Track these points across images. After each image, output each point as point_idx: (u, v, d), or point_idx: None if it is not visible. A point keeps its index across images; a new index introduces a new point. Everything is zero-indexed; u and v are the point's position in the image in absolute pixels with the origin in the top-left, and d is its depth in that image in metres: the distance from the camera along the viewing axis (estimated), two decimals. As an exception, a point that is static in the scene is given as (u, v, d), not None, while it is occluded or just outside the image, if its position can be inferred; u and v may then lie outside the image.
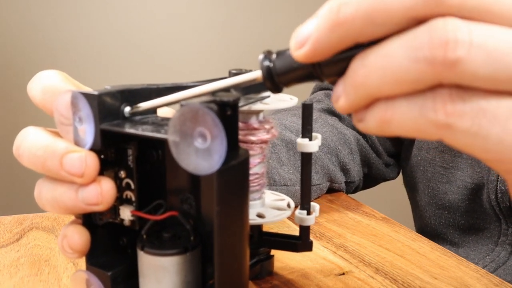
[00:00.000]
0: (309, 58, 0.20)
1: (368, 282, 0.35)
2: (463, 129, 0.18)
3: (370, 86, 0.19)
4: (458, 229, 0.53)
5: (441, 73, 0.17)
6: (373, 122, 0.19)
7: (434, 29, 0.17)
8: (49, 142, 0.25)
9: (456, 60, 0.17)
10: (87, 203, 0.25)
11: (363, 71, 0.19)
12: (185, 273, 0.26)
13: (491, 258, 0.48)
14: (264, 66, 0.22)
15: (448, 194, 0.52)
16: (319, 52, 0.19)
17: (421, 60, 0.17)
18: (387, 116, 0.19)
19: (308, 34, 0.19)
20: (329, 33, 0.19)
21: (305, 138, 0.30)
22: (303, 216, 0.32)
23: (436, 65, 0.17)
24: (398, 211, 0.98)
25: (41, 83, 0.27)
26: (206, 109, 0.22)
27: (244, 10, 1.53)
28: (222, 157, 0.22)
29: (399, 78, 0.18)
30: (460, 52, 0.17)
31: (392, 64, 0.18)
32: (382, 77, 0.18)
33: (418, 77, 0.18)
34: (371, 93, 0.19)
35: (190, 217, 0.27)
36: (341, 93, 0.20)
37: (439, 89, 0.18)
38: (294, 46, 0.20)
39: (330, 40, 0.19)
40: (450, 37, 0.17)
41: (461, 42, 0.17)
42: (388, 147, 0.62)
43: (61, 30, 1.39)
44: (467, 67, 0.17)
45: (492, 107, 0.17)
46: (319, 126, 0.57)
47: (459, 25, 0.17)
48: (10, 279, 0.36)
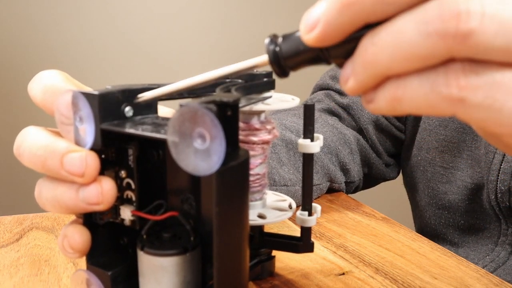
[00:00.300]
0: (320, 42, 0.19)
1: (368, 282, 0.35)
2: (476, 102, 0.17)
3: (381, 64, 0.18)
4: (458, 229, 0.53)
5: (453, 46, 0.17)
6: (383, 102, 0.19)
7: (445, 1, 0.17)
8: (50, 142, 0.25)
9: (468, 32, 0.16)
10: (88, 203, 0.25)
11: (373, 49, 0.18)
12: (185, 274, 0.26)
13: (491, 258, 0.48)
14: (270, 49, 0.21)
15: (448, 194, 0.52)
16: (330, 35, 0.19)
17: (433, 34, 0.17)
18: (398, 94, 0.18)
19: (317, 17, 0.19)
20: (339, 15, 0.18)
21: (306, 139, 0.30)
22: (304, 217, 0.32)
23: (448, 38, 0.17)
24: (398, 211, 0.98)
25: (41, 82, 0.27)
26: (205, 109, 0.22)
27: (244, 10, 1.53)
28: (221, 158, 0.22)
29: (410, 54, 0.18)
30: (473, 23, 0.16)
31: (403, 40, 0.17)
32: (393, 54, 0.18)
33: (430, 52, 0.17)
34: (382, 71, 0.18)
35: (190, 218, 0.27)
36: (350, 74, 0.19)
37: (452, 63, 0.17)
38: (304, 30, 0.19)
39: (341, 22, 0.18)
40: (461, 8, 0.16)
41: (473, 13, 0.16)
42: (388, 147, 0.62)
43: (62, 30, 1.39)
44: (480, 39, 0.16)
45: (507, 79, 0.17)
46: (319, 126, 0.57)
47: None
48: (10, 279, 0.36)
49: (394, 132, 0.61)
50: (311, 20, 0.19)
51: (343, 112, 0.60)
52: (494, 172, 0.47)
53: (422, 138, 0.56)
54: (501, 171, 0.46)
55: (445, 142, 0.53)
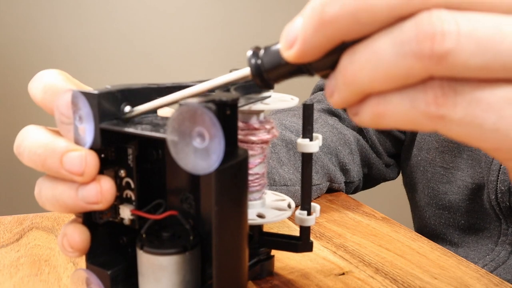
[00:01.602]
0: (300, 59, 0.19)
1: (368, 282, 0.35)
2: (456, 119, 0.17)
3: (360, 82, 0.18)
4: (458, 229, 0.53)
5: (430, 67, 0.17)
6: (367, 116, 0.19)
7: (420, 22, 0.17)
8: (50, 141, 0.25)
9: (444, 52, 0.16)
10: (87, 202, 0.25)
11: (352, 68, 0.18)
12: (184, 273, 0.26)
13: (491, 257, 0.48)
14: (252, 63, 0.21)
15: (448, 194, 0.52)
16: (309, 53, 0.19)
17: (409, 55, 0.17)
18: (379, 110, 0.19)
19: (295, 34, 0.19)
20: (315, 33, 0.18)
21: (305, 138, 0.30)
22: (303, 216, 0.32)
23: (425, 59, 0.17)
24: (398, 211, 0.98)
25: (42, 82, 0.27)
26: (204, 108, 0.22)
27: (243, 10, 1.53)
28: (220, 156, 0.22)
29: (388, 74, 0.18)
30: (448, 44, 0.16)
31: (380, 61, 0.18)
32: (371, 74, 0.18)
33: (408, 72, 0.17)
34: (362, 89, 0.19)
35: (190, 217, 0.27)
36: (334, 88, 0.20)
37: (430, 81, 0.18)
38: (283, 47, 0.20)
39: (318, 40, 0.18)
40: (436, 29, 0.16)
41: (448, 33, 0.16)
42: (388, 147, 0.62)
43: (62, 30, 1.40)
44: (457, 59, 0.17)
45: (486, 96, 0.17)
46: (319, 126, 0.57)
47: (445, 16, 0.17)
48: (10, 279, 0.36)
49: (394, 132, 0.61)
50: (290, 37, 0.19)
51: (343, 112, 0.60)
52: (494, 172, 0.47)
53: (423, 138, 0.56)
54: (501, 171, 0.46)
55: (445, 142, 0.53)
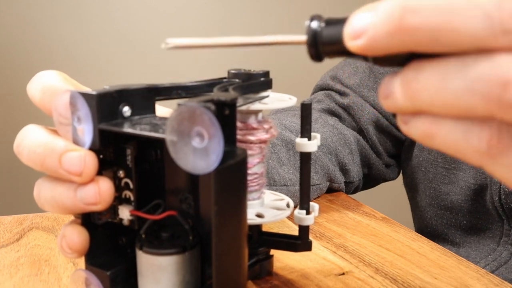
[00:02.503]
0: (363, 52, 0.19)
1: (368, 282, 0.35)
2: (504, 163, 0.17)
3: (420, 100, 0.18)
4: (459, 230, 0.53)
5: (495, 111, 0.17)
6: (416, 131, 0.19)
7: (497, 64, 0.16)
8: (49, 140, 0.25)
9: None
10: (86, 203, 0.25)
11: (416, 85, 0.18)
12: (184, 273, 0.26)
13: (493, 257, 0.48)
14: (311, 30, 0.20)
15: (450, 195, 0.52)
16: (374, 50, 0.18)
17: (477, 94, 0.16)
18: (431, 130, 0.18)
19: (365, 27, 0.18)
20: (387, 36, 0.18)
21: (304, 138, 0.30)
22: (302, 216, 0.32)
23: (491, 103, 0.16)
24: (398, 211, 0.98)
25: (40, 83, 0.27)
26: (204, 108, 0.22)
27: (243, 10, 1.53)
28: (219, 156, 0.22)
29: (450, 104, 0.17)
30: None
31: (446, 88, 0.17)
32: (434, 97, 0.17)
33: (471, 109, 0.17)
34: (420, 107, 0.18)
35: (189, 217, 0.27)
36: (390, 93, 0.19)
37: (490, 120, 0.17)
38: (348, 35, 0.19)
39: (387, 43, 0.18)
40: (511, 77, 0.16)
41: None
42: (389, 147, 0.62)
43: (61, 30, 1.40)
44: None
45: None
46: (319, 126, 0.57)
47: None
48: (10, 279, 0.36)
49: (395, 132, 0.61)
50: (358, 28, 0.18)
51: (344, 112, 0.60)
52: None
53: None
54: None
55: None
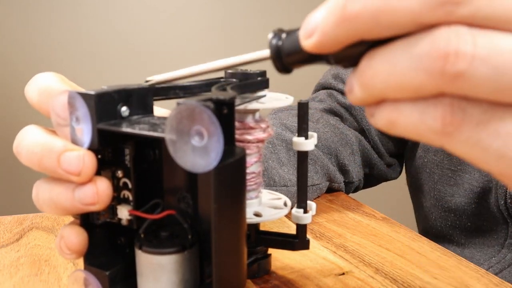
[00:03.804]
0: (317, 49, 0.19)
1: (368, 282, 0.35)
2: (461, 139, 0.17)
3: (376, 88, 0.18)
4: (464, 231, 0.53)
5: (441, 84, 0.17)
6: (380, 121, 0.19)
7: (436, 38, 0.16)
8: (48, 140, 0.25)
9: (456, 73, 0.16)
10: (84, 203, 0.25)
11: (369, 73, 0.18)
12: (183, 272, 0.26)
13: (497, 259, 0.48)
14: (272, 44, 0.21)
15: (455, 196, 0.52)
16: (326, 45, 0.19)
17: (422, 71, 0.17)
18: (392, 117, 0.19)
19: (315, 24, 0.19)
20: (335, 27, 0.18)
21: (301, 136, 0.31)
22: (299, 214, 0.32)
23: (436, 77, 0.17)
24: (398, 211, 0.98)
25: (37, 85, 0.27)
26: (203, 107, 0.22)
27: (242, 10, 1.53)
28: (219, 155, 0.22)
29: (402, 85, 0.18)
30: (461, 65, 0.16)
31: (394, 70, 0.18)
32: (387, 81, 0.18)
33: (419, 86, 0.17)
34: (377, 94, 0.19)
35: (188, 216, 0.27)
36: (353, 87, 0.20)
37: (441, 97, 0.17)
38: (302, 35, 0.20)
39: (337, 34, 0.18)
40: (451, 48, 0.16)
41: (462, 54, 0.16)
42: (391, 147, 0.62)
43: (60, 31, 1.40)
44: (468, 80, 0.16)
45: (494, 120, 0.17)
46: (320, 126, 0.56)
47: (463, 35, 0.16)
48: (10, 279, 0.36)
49: None
50: (310, 26, 0.19)
51: (346, 112, 0.60)
52: None
53: None
54: None
55: None
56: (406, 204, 0.65)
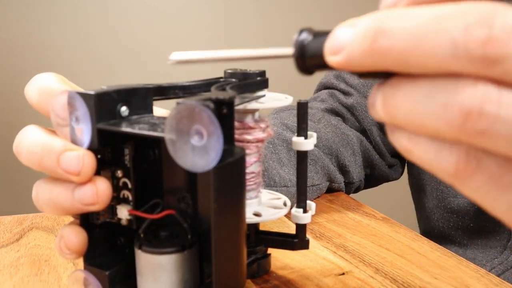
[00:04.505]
0: (342, 68, 0.19)
1: (368, 282, 0.35)
2: (473, 187, 0.18)
3: (396, 117, 0.18)
4: (466, 232, 0.52)
5: (459, 136, 0.17)
6: (397, 144, 0.19)
7: (461, 92, 0.16)
8: (47, 140, 0.25)
9: (476, 132, 0.16)
10: (83, 203, 0.25)
11: (392, 102, 0.18)
12: (183, 272, 0.26)
13: (499, 261, 0.48)
14: (298, 43, 0.20)
15: (459, 197, 0.52)
16: (351, 67, 0.19)
17: (442, 119, 0.17)
18: (408, 146, 0.19)
19: (343, 44, 0.19)
20: (361, 56, 0.18)
21: (300, 136, 0.31)
22: (299, 214, 0.32)
23: (455, 130, 0.17)
24: (398, 211, 0.98)
25: (37, 85, 0.27)
26: (203, 106, 0.22)
27: (242, 10, 1.53)
28: (218, 154, 0.22)
29: (421, 124, 0.18)
30: (482, 125, 0.16)
31: (416, 109, 0.18)
32: (407, 116, 0.18)
33: (438, 132, 0.17)
34: (398, 123, 0.19)
35: (187, 216, 0.27)
36: (376, 104, 0.19)
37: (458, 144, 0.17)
38: (328, 51, 0.19)
39: (362, 61, 0.18)
40: (475, 107, 0.16)
41: (486, 115, 0.16)
42: (392, 148, 0.62)
43: (61, 30, 1.40)
44: (487, 138, 0.16)
45: (508, 174, 0.17)
46: (322, 126, 0.56)
47: (489, 93, 0.16)
48: (10, 279, 0.36)
49: None
50: (336, 44, 0.19)
51: (347, 112, 0.60)
52: None
53: None
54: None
55: None
56: (406, 204, 0.65)
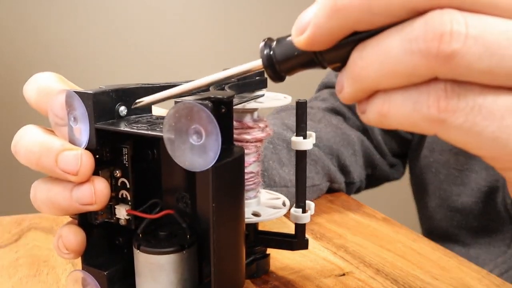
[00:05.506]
0: (310, 45, 0.19)
1: (369, 283, 0.35)
2: (456, 125, 0.17)
3: (368, 78, 0.18)
4: (470, 231, 0.52)
5: (435, 66, 0.17)
6: (372, 115, 0.19)
7: (429, 20, 0.17)
8: (45, 139, 0.25)
9: (451, 53, 0.16)
10: (81, 203, 0.25)
11: (361, 63, 0.18)
12: (182, 271, 0.26)
13: (503, 260, 0.48)
14: (264, 54, 0.21)
15: (462, 196, 0.52)
16: (320, 39, 0.19)
17: (416, 53, 0.17)
18: (384, 109, 0.19)
19: (308, 20, 0.19)
20: (327, 20, 0.18)
21: (299, 136, 0.30)
22: (298, 214, 0.32)
23: (431, 58, 0.17)
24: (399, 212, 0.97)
25: (35, 84, 0.27)
26: (201, 106, 0.22)
27: (242, 9, 1.53)
28: (217, 153, 0.22)
29: (395, 71, 0.18)
30: (455, 45, 0.16)
31: (387, 57, 0.18)
32: (379, 70, 0.18)
33: (413, 71, 0.17)
34: (370, 86, 0.19)
35: (186, 216, 0.27)
36: (343, 83, 0.20)
37: (434, 83, 0.17)
38: (295, 32, 0.20)
39: (329, 27, 0.18)
40: (445, 29, 0.16)
41: (456, 34, 0.16)
42: (394, 147, 0.61)
43: (59, 31, 1.40)
44: (462, 61, 0.17)
45: (488, 103, 0.17)
46: (322, 126, 0.56)
47: (455, 17, 0.17)
48: (9, 280, 0.36)
49: (401, 133, 0.60)
50: (302, 23, 0.19)
51: (348, 111, 0.60)
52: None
53: (434, 139, 0.55)
54: None
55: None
56: (407, 205, 0.64)
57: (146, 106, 0.26)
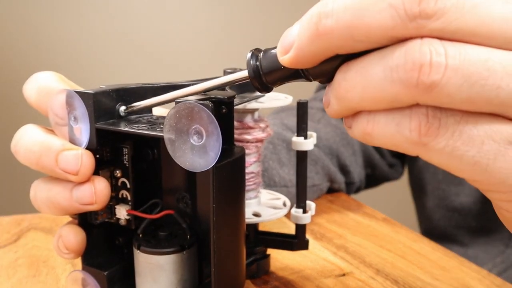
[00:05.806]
0: (294, 65, 0.20)
1: (369, 283, 0.35)
2: (437, 149, 0.18)
3: (351, 100, 0.19)
4: (468, 231, 0.52)
5: (416, 95, 0.17)
6: (357, 133, 0.20)
7: (409, 50, 0.17)
8: (46, 139, 0.25)
9: (430, 84, 0.17)
10: (81, 203, 0.25)
11: (345, 85, 0.19)
12: (182, 272, 0.26)
13: (501, 259, 0.48)
14: (250, 66, 0.21)
15: (461, 196, 0.52)
16: (303, 60, 0.19)
17: (396, 82, 0.17)
18: (368, 128, 0.19)
19: (292, 40, 0.19)
20: (309, 43, 0.19)
21: (300, 136, 0.30)
22: (298, 214, 0.32)
23: (411, 88, 0.17)
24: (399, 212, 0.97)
25: (36, 83, 0.27)
26: (202, 106, 0.22)
27: (242, 9, 1.53)
28: (217, 154, 0.22)
29: (376, 96, 0.18)
30: (435, 76, 0.17)
31: (370, 82, 0.18)
32: (362, 94, 0.18)
33: (394, 98, 0.18)
34: (354, 106, 0.19)
35: (186, 216, 0.27)
36: (329, 100, 0.20)
37: (416, 107, 0.18)
38: (279, 50, 0.20)
39: (311, 50, 0.19)
40: (425, 60, 0.17)
41: (436, 65, 0.16)
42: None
43: (59, 30, 1.40)
44: (442, 91, 0.17)
45: (468, 128, 0.17)
46: (321, 126, 0.56)
47: (435, 47, 0.17)
48: (8, 280, 0.35)
49: None
50: (286, 43, 0.20)
51: None
52: None
53: None
54: None
55: None
56: (407, 205, 0.64)
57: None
